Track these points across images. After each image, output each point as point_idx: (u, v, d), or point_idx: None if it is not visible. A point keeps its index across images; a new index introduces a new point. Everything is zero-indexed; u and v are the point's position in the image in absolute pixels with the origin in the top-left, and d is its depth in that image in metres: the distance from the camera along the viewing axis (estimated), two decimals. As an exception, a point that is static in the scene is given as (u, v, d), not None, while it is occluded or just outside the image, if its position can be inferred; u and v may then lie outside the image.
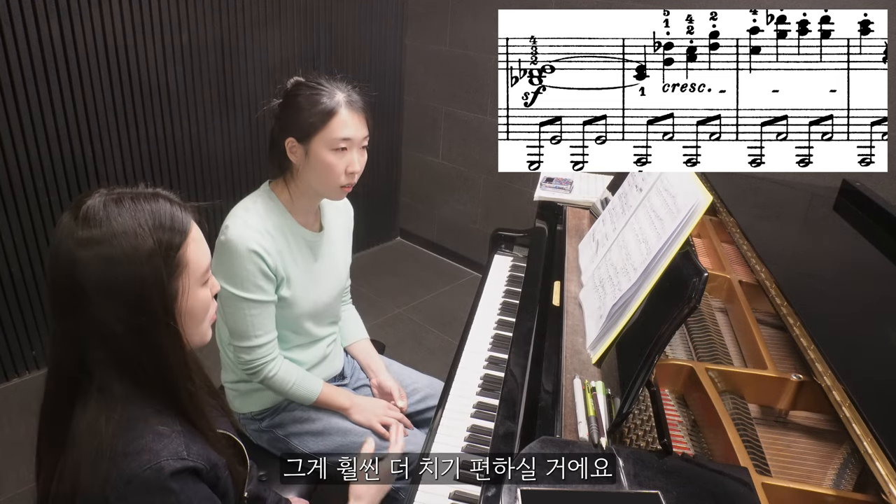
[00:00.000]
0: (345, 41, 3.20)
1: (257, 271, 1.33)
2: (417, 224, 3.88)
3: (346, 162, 1.36)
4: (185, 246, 0.86)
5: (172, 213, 0.86)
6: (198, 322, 0.91)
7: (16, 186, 2.29)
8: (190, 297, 0.87)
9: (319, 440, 1.49)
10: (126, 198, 0.85)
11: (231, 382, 1.54)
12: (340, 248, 1.57)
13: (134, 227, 0.82)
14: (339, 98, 1.33)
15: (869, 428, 0.88)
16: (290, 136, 1.35)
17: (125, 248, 0.81)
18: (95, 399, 0.84)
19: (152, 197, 0.87)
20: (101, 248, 0.80)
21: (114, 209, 0.82)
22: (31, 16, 2.15)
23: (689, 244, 1.14)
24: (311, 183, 1.39)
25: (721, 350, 1.23)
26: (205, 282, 0.91)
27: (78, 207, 0.83)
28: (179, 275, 0.85)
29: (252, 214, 1.36)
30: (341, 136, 1.33)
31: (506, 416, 1.16)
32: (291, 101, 1.35)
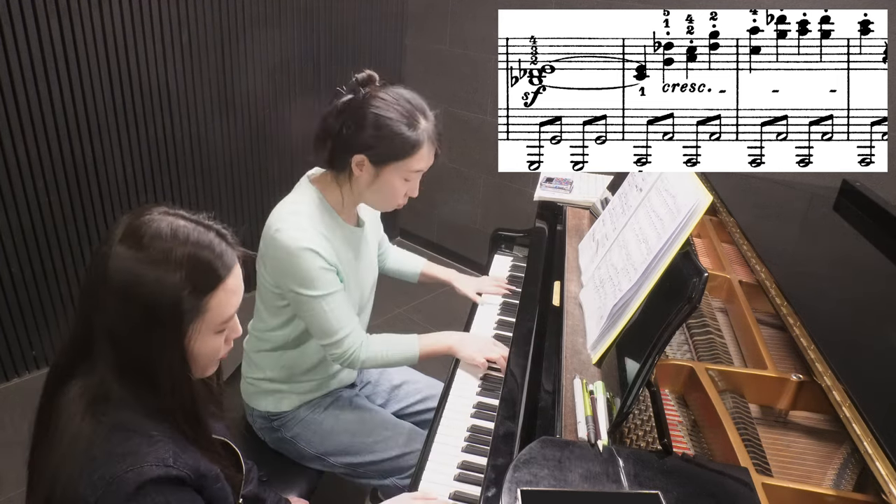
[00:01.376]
0: (345, 41, 3.20)
1: (319, 268, 1.32)
2: (417, 224, 3.88)
3: (410, 188, 1.38)
4: (212, 294, 0.85)
5: (218, 253, 0.85)
6: (200, 363, 0.90)
7: (16, 186, 2.28)
8: (198, 343, 0.86)
9: (325, 441, 1.49)
10: (182, 224, 0.85)
11: (255, 378, 1.53)
12: (373, 241, 1.59)
13: (169, 255, 0.81)
14: (422, 130, 1.31)
15: (869, 428, 0.88)
16: (361, 153, 1.31)
17: (152, 274, 0.81)
18: (91, 397, 0.85)
19: (206, 231, 0.86)
20: (132, 265, 0.81)
21: (165, 231, 0.83)
22: (31, 16, 2.15)
23: (689, 244, 1.14)
24: (367, 197, 1.40)
25: (721, 350, 1.23)
26: (221, 330, 0.89)
27: (133, 218, 0.85)
28: (194, 319, 0.84)
29: (303, 217, 1.34)
30: (417, 168, 1.34)
31: (506, 416, 1.15)
32: (365, 113, 1.29)
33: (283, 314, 1.43)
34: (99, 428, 0.83)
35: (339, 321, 1.36)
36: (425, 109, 1.34)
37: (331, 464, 1.50)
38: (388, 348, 1.44)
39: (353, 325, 1.39)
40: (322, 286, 1.32)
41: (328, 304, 1.34)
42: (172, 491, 0.83)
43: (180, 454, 0.84)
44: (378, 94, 1.31)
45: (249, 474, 1.26)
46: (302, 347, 1.47)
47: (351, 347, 1.38)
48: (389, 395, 1.68)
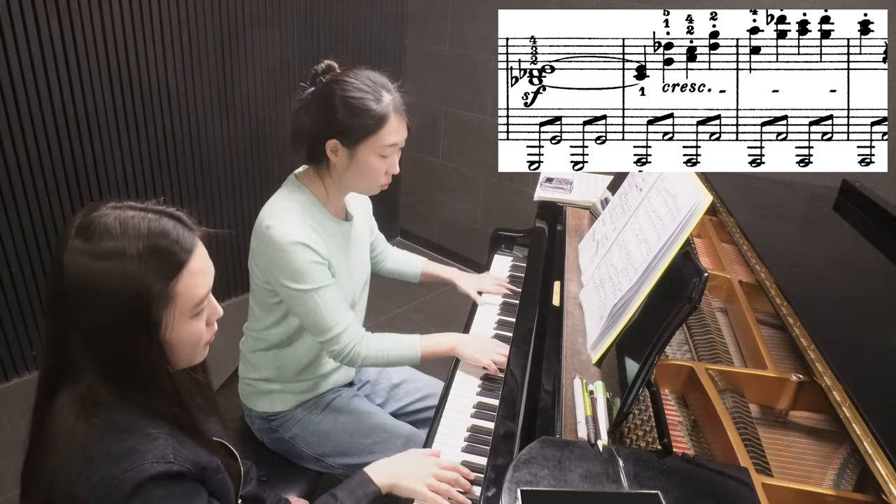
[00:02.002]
0: (345, 41, 3.21)
1: (310, 261, 1.32)
2: (417, 224, 3.88)
3: (389, 164, 1.37)
4: (176, 279, 0.83)
5: (174, 238, 0.83)
6: (183, 351, 0.89)
7: (16, 186, 2.29)
8: (175, 330, 0.85)
9: (323, 442, 1.49)
10: (131, 215, 0.83)
11: (251, 379, 1.53)
12: (364, 235, 1.59)
13: (124, 249, 0.80)
14: (387, 102, 1.31)
15: (869, 428, 0.88)
16: (333, 138, 1.32)
17: (109, 270, 0.79)
18: (81, 402, 0.83)
19: (159, 217, 0.84)
20: (88, 263, 0.79)
21: (114, 225, 0.81)
22: (31, 16, 2.15)
23: (689, 244, 1.14)
24: (349, 182, 1.39)
25: (721, 350, 1.23)
26: (196, 314, 0.87)
27: (84, 215, 0.83)
28: (164, 307, 0.82)
29: (293, 213, 1.34)
30: (389, 142, 1.33)
31: (506, 416, 1.15)
32: (330, 98, 1.31)
33: (277, 311, 1.43)
34: (93, 431, 0.82)
35: (333, 316, 1.35)
36: (387, 84, 1.35)
37: (329, 465, 1.49)
38: (390, 347, 1.43)
39: (349, 321, 1.38)
40: (313, 280, 1.32)
41: (321, 298, 1.33)
42: (173, 485, 0.82)
43: (180, 449, 0.84)
44: (339, 78, 1.33)
45: (248, 475, 1.26)
46: (295, 345, 1.47)
47: (350, 343, 1.37)
48: (389, 393, 1.68)
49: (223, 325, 0.98)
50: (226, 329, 0.94)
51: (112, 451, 0.80)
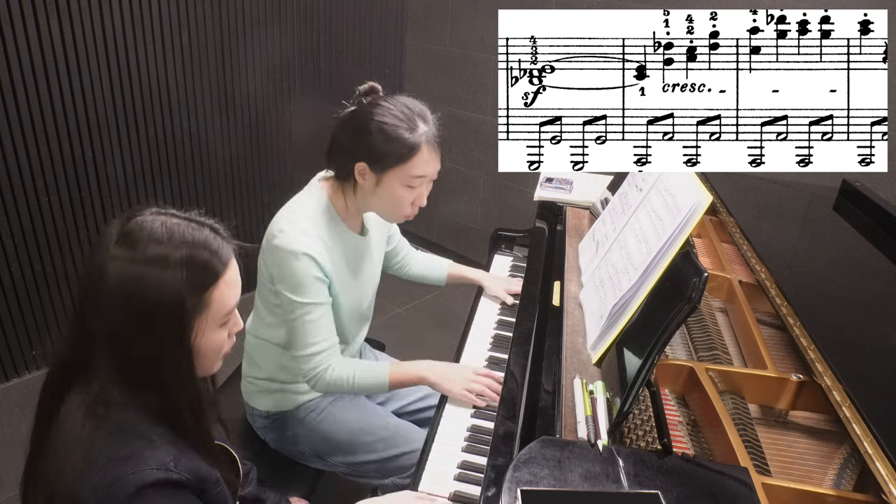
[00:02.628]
0: (345, 41, 3.20)
1: (312, 276, 1.32)
2: (417, 224, 3.87)
3: (416, 195, 1.36)
4: (213, 288, 0.86)
5: (214, 249, 0.86)
6: (206, 360, 0.91)
7: (16, 186, 2.29)
8: (203, 338, 0.87)
9: (325, 440, 1.49)
10: (175, 222, 0.85)
11: (254, 378, 1.53)
12: (378, 248, 1.59)
13: (167, 255, 0.82)
14: (421, 133, 1.30)
15: (869, 428, 0.88)
16: (362, 160, 1.32)
17: (152, 275, 0.81)
18: (90, 402, 0.84)
19: (200, 227, 0.87)
20: (130, 268, 0.81)
21: (160, 231, 0.83)
22: (31, 16, 2.15)
23: (689, 244, 1.14)
24: (373, 205, 1.39)
25: (721, 350, 1.23)
26: (224, 323, 0.90)
27: (126, 220, 0.85)
28: (198, 315, 0.85)
29: (305, 219, 1.34)
30: (418, 174, 1.32)
31: (506, 416, 1.15)
32: (366, 121, 1.30)
33: (280, 312, 1.43)
34: (98, 432, 0.82)
35: (315, 335, 1.35)
36: (425, 113, 1.34)
37: (331, 463, 1.50)
38: (356, 372, 1.39)
39: (329, 345, 1.37)
40: (310, 294, 1.32)
41: (311, 314, 1.33)
42: (172, 494, 0.82)
43: (180, 457, 0.84)
44: (379, 102, 1.33)
45: (248, 475, 1.26)
46: None
47: (319, 366, 1.36)
48: (390, 392, 1.68)
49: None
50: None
51: (115, 454, 0.81)
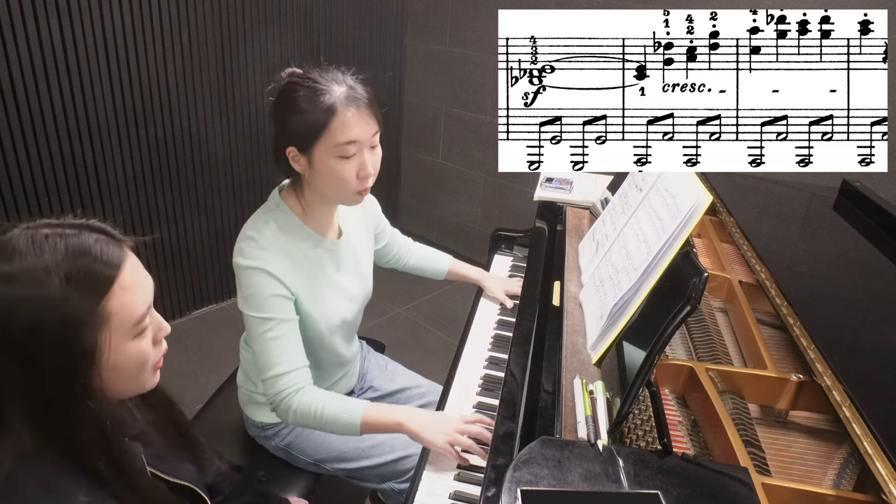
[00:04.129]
0: (345, 41, 3.21)
1: (272, 293, 1.24)
2: (417, 224, 3.88)
3: (357, 165, 1.22)
4: (107, 297, 0.74)
5: (96, 254, 0.75)
6: (130, 376, 0.80)
7: (16, 186, 2.29)
8: (115, 353, 0.76)
9: (319, 448, 1.48)
10: (45, 233, 0.74)
11: (248, 390, 1.50)
12: (362, 249, 1.48)
13: (42, 270, 0.71)
14: (336, 95, 1.18)
15: (869, 428, 0.88)
16: (289, 144, 1.22)
17: (27, 294, 0.70)
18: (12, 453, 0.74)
19: (77, 232, 0.76)
20: (3, 288, 0.70)
21: (26, 246, 0.72)
22: (31, 16, 2.15)
23: (689, 244, 1.14)
24: (322, 192, 1.27)
25: (721, 350, 1.23)
26: (139, 332, 0.79)
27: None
28: (96, 331, 0.73)
29: (264, 235, 1.26)
30: (345, 139, 1.18)
31: (506, 416, 1.15)
32: (286, 102, 1.21)
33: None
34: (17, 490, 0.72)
35: (278, 354, 1.24)
36: (339, 76, 1.22)
37: (327, 469, 1.48)
38: (325, 405, 1.25)
39: (294, 367, 1.25)
40: (269, 310, 1.24)
41: (271, 332, 1.24)
42: None
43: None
44: (294, 80, 1.22)
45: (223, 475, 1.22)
46: None
47: (285, 390, 1.24)
48: (390, 400, 1.67)
49: (223, 323, 0.97)
50: (226, 329, 0.93)
51: None
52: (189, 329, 2.89)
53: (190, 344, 2.78)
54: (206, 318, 3.01)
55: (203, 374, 2.57)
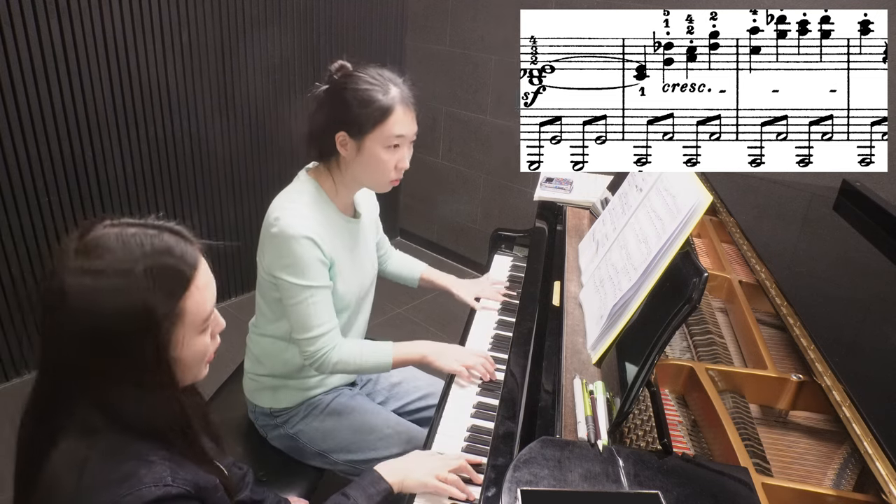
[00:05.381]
0: (345, 41, 3.20)
1: (314, 258, 1.33)
2: (417, 224, 3.88)
3: (398, 158, 1.37)
4: (185, 296, 0.80)
5: (179, 254, 0.81)
6: (191, 368, 0.87)
7: (16, 186, 2.29)
8: (185, 349, 0.82)
9: (327, 437, 1.49)
10: (132, 232, 0.80)
11: (257, 374, 1.53)
12: (370, 233, 1.60)
13: (129, 268, 0.76)
14: (394, 94, 1.33)
15: (869, 428, 0.88)
16: (342, 130, 1.34)
17: (116, 290, 0.75)
18: (76, 433, 0.80)
19: (160, 233, 0.82)
20: (93, 283, 0.75)
21: (116, 244, 0.78)
22: (31, 16, 2.15)
23: (689, 244, 1.14)
24: (359, 176, 1.40)
25: (721, 350, 1.23)
26: (204, 329, 0.85)
27: (81, 235, 0.79)
28: (174, 326, 0.80)
29: (301, 205, 1.36)
30: (396, 133, 1.33)
31: (506, 416, 1.15)
32: (341, 93, 1.34)
33: (281, 306, 1.43)
34: (89, 460, 0.79)
35: (319, 317, 1.36)
36: (395, 77, 1.37)
37: (332, 461, 1.50)
38: (362, 353, 1.42)
39: (332, 326, 1.39)
40: (312, 277, 1.34)
41: (313, 297, 1.35)
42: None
43: (178, 471, 0.82)
44: (349, 73, 1.36)
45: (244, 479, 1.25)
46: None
47: (324, 347, 1.38)
48: (389, 392, 1.69)
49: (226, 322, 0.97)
50: (226, 329, 0.93)
51: (109, 477, 0.78)
52: (189, 329, 2.88)
53: (190, 344, 2.77)
54: (206, 318, 3.00)
55: (203, 374, 2.57)
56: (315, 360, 1.39)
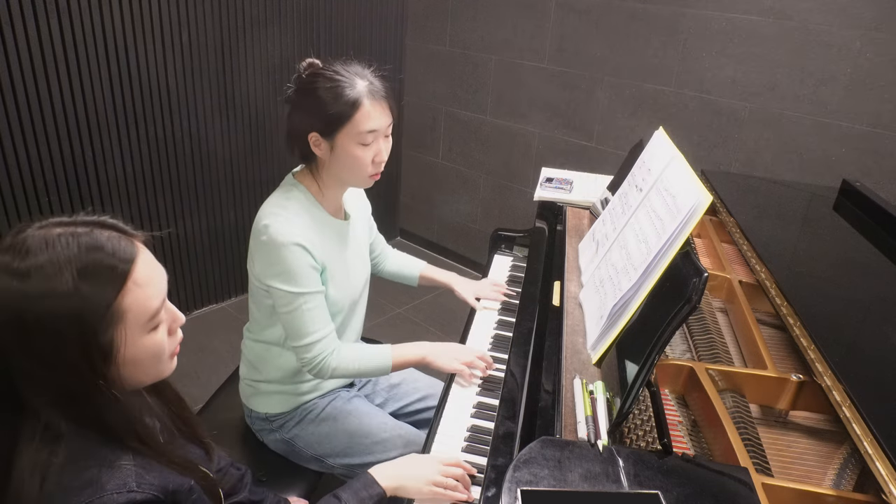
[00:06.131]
0: (345, 41, 3.21)
1: (306, 264, 1.32)
2: (417, 224, 3.88)
3: (373, 152, 1.34)
4: (121, 294, 0.75)
5: (109, 250, 0.76)
6: (147, 368, 0.83)
7: (16, 186, 2.29)
8: (131, 347, 0.78)
9: (323, 442, 1.49)
10: (58, 232, 0.75)
11: (252, 380, 1.53)
12: (362, 233, 1.58)
13: (55, 268, 0.72)
14: (360, 88, 1.30)
15: (869, 428, 0.88)
16: (312, 130, 1.32)
17: (43, 292, 0.71)
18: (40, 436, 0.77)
19: (89, 230, 0.77)
20: (18, 287, 0.72)
21: (39, 245, 0.74)
22: (31, 16, 2.15)
23: (689, 244, 1.14)
24: (338, 174, 1.38)
25: (721, 350, 1.23)
26: (154, 326, 0.81)
27: (7, 240, 0.76)
28: (112, 327, 0.75)
29: (290, 211, 1.35)
30: (367, 129, 1.31)
31: (506, 416, 1.15)
32: (310, 92, 1.32)
33: (274, 313, 1.43)
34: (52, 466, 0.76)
35: (314, 323, 1.35)
36: (361, 70, 1.35)
37: (329, 465, 1.49)
38: (360, 357, 1.41)
39: (328, 332, 1.37)
40: (304, 284, 1.32)
41: (307, 304, 1.33)
42: None
43: (144, 475, 0.78)
44: (316, 71, 1.34)
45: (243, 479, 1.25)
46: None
47: (322, 353, 1.36)
48: (388, 394, 1.68)
49: (223, 323, 0.97)
50: (226, 329, 0.93)
51: (70, 485, 0.75)
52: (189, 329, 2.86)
53: (190, 344, 2.76)
54: (206, 318, 3.01)
55: (203, 374, 2.57)
56: (313, 367, 1.38)
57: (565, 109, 2.99)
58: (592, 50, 2.82)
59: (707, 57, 2.50)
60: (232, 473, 1.22)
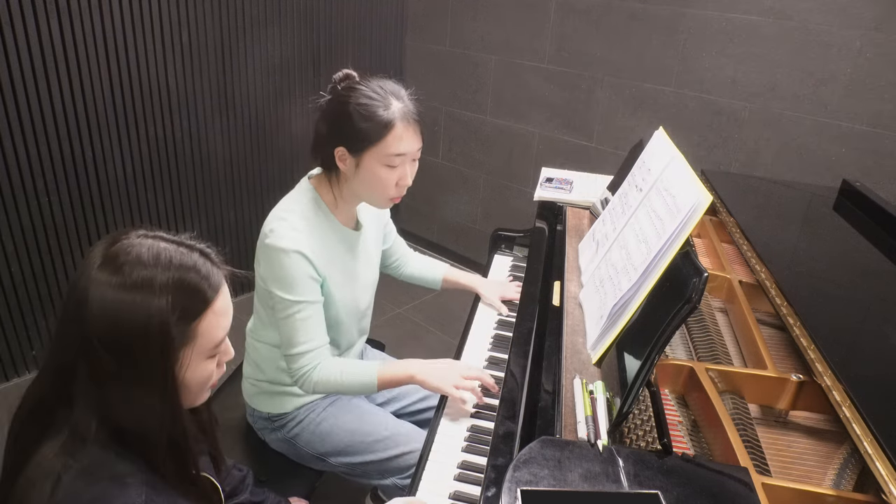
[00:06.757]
0: (345, 41, 3.20)
1: (305, 274, 1.31)
2: (417, 224, 3.88)
3: (398, 175, 1.32)
4: (202, 318, 0.81)
5: (204, 274, 0.81)
6: (191, 392, 0.86)
7: (16, 186, 2.28)
8: (189, 370, 0.82)
9: (325, 440, 1.49)
10: (164, 246, 0.80)
11: (256, 380, 1.53)
12: (373, 242, 1.57)
13: (153, 280, 0.77)
14: (394, 110, 1.28)
15: (869, 428, 0.88)
16: (340, 144, 1.30)
17: (136, 301, 0.76)
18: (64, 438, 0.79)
19: (190, 251, 0.82)
20: (114, 293, 0.76)
21: (146, 255, 0.78)
22: (31, 16, 2.15)
23: (689, 244, 1.14)
24: (359, 192, 1.36)
25: (721, 350, 1.23)
26: (212, 355, 0.85)
27: (110, 244, 0.80)
28: (184, 346, 0.80)
29: (296, 216, 1.33)
30: (396, 152, 1.29)
31: (506, 416, 1.15)
32: (342, 105, 1.30)
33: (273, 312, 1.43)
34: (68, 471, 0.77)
35: (304, 333, 1.34)
36: (399, 92, 1.32)
37: (331, 464, 1.50)
38: (343, 372, 1.37)
39: (318, 344, 1.36)
40: (300, 293, 1.32)
41: (301, 313, 1.33)
42: None
43: (154, 496, 0.78)
44: (353, 85, 1.31)
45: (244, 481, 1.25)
46: None
47: (306, 366, 1.35)
48: (390, 393, 1.68)
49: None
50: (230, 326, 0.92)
51: (80, 495, 0.76)
52: (189, 329, 2.88)
53: (190, 344, 2.77)
54: (206, 318, 3.00)
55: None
56: (296, 378, 1.37)
57: (565, 109, 2.99)
58: (592, 50, 2.82)
59: (707, 57, 2.50)
60: (234, 475, 1.22)
